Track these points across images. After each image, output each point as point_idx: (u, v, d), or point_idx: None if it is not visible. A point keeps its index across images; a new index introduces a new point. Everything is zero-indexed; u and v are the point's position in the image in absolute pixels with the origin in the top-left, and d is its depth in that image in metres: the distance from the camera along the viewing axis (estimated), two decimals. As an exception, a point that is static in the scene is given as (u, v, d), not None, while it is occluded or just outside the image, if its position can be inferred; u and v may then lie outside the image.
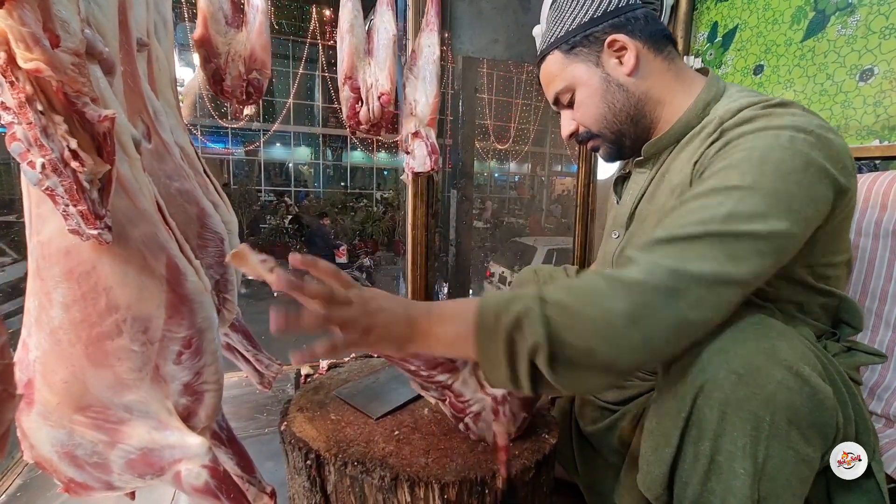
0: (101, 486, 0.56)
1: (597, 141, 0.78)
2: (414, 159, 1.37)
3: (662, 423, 0.58)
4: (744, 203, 0.53)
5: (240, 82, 1.06)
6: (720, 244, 0.52)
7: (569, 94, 0.76)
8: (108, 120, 0.42)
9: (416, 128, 1.36)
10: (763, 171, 0.55)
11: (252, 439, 1.23)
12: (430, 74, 1.37)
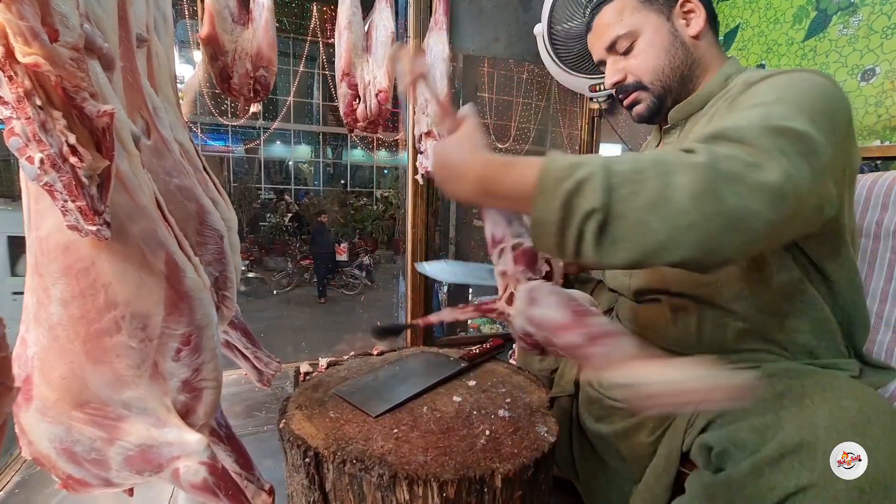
0: (100, 482, 0.56)
1: (641, 94, 0.78)
2: (427, 158, 1.37)
3: (731, 496, 0.53)
4: (776, 110, 0.54)
5: (247, 80, 1.06)
6: (768, 137, 0.51)
7: (629, 41, 0.77)
8: (107, 115, 0.41)
9: (429, 127, 1.36)
10: (789, 92, 0.57)
11: (251, 437, 1.23)
12: (439, 73, 1.37)
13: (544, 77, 1.85)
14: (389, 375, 0.86)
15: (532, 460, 0.61)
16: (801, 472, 0.48)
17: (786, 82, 0.60)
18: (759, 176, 0.48)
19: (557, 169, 0.52)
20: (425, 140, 1.38)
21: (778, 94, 0.57)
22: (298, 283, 7.19)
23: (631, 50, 0.77)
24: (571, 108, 2.04)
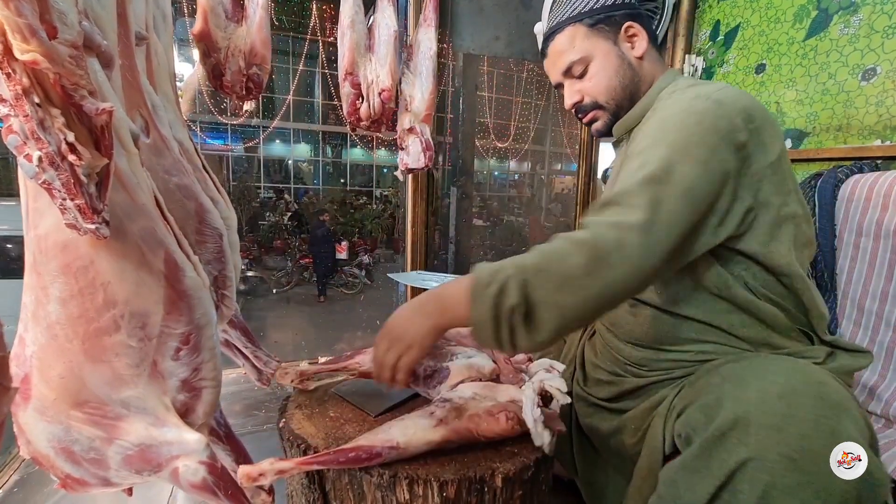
0: (99, 482, 0.56)
1: (598, 112, 0.86)
2: (408, 155, 1.37)
3: (689, 478, 0.56)
4: (652, 157, 0.64)
5: (240, 77, 1.05)
6: (642, 193, 0.62)
7: (582, 66, 0.83)
8: (105, 113, 0.41)
9: (411, 123, 1.35)
10: (664, 128, 0.67)
11: (250, 436, 1.23)
12: (426, 70, 1.37)
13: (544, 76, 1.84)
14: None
15: (532, 460, 0.61)
16: (740, 448, 0.51)
17: (666, 117, 0.69)
18: (638, 235, 0.60)
19: (483, 277, 0.63)
20: (407, 137, 1.37)
21: (653, 137, 0.68)
22: (298, 281, 7.19)
23: (585, 73, 0.84)
24: (571, 107, 2.04)
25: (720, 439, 0.53)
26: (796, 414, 0.50)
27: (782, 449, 0.49)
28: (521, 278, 0.61)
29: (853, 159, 1.16)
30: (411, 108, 1.37)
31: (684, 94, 0.72)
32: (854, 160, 1.15)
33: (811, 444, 0.49)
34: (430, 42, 1.39)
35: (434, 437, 0.59)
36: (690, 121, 0.65)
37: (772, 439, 0.50)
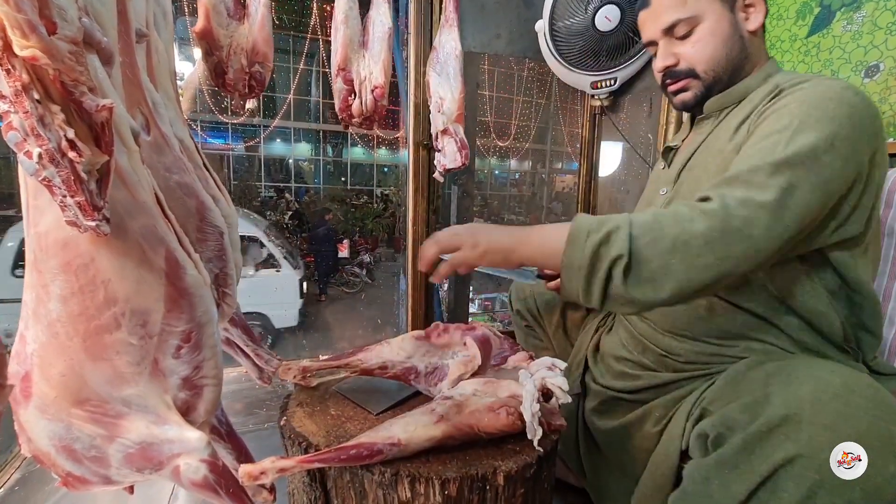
0: (100, 480, 0.56)
1: (691, 82, 0.79)
2: (445, 156, 1.37)
3: (725, 475, 0.55)
4: (795, 138, 0.60)
5: (242, 75, 1.05)
6: (778, 174, 0.58)
7: (689, 27, 0.75)
8: (105, 110, 0.41)
9: (445, 125, 1.35)
10: (811, 113, 0.61)
11: (251, 434, 1.23)
12: (453, 70, 1.37)
13: (545, 74, 1.84)
14: (390, 373, 0.86)
15: (535, 458, 0.61)
16: (788, 444, 0.50)
17: (806, 99, 0.63)
18: (767, 216, 0.57)
19: (585, 224, 0.61)
20: (441, 138, 1.37)
21: (802, 118, 0.62)
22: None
23: (689, 35, 0.76)
24: (572, 105, 2.04)
25: (766, 435, 0.52)
26: (852, 414, 0.49)
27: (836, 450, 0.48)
28: (630, 231, 0.59)
29: (856, 157, 1.15)
30: (443, 110, 1.36)
31: (826, 82, 0.66)
32: (857, 158, 1.15)
33: (865, 446, 0.47)
34: (455, 42, 1.39)
35: (435, 433, 0.59)
36: (841, 112, 0.60)
37: (825, 437, 0.48)
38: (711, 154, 0.76)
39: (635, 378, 0.82)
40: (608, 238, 0.59)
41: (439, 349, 0.77)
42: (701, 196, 0.62)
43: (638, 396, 0.82)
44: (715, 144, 0.76)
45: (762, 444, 0.52)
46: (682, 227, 0.58)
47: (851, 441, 0.48)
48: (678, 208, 0.61)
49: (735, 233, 0.57)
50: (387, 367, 0.76)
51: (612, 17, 1.48)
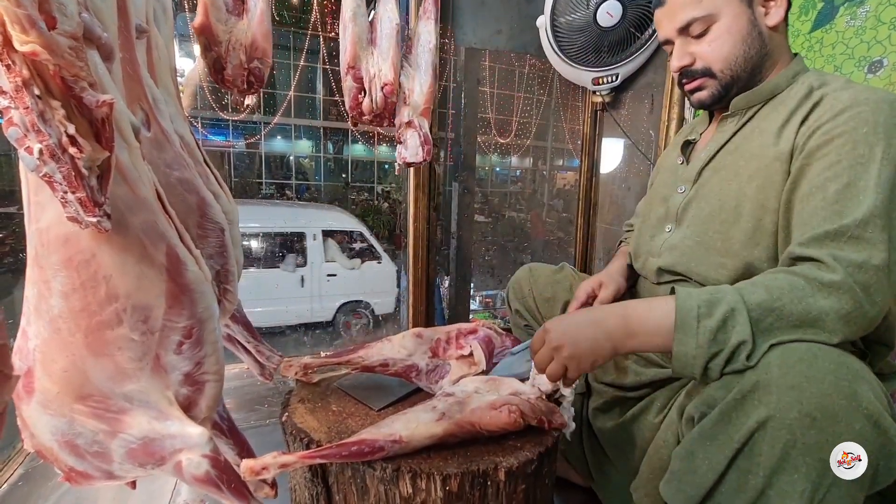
0: (102, 475, 0.56)
1: (707, 80, 0.77)
2: (406, 149, 1.35)
3: (706, 448, 0.56)
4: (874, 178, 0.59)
5: (241, 71, 1.04)
6: (880, 228, 0.58)
7: (705, 25, 0.74)
8: (106, 105, 0.41)
9: (410, 117, 1.34)
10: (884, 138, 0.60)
11: (253, 430, 1.23)
12: (425, 63, 1.35)
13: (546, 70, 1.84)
14: (391, 369, 0.86)
15: (536, 454, 0.61)
16: (760, 408, 0.52)
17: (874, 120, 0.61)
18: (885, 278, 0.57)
19: (693, 305, 0.59)
20: (405, 131, 1.36)
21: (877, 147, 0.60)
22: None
23: (705, 34, 0.74)
24: (573, 101, 2.03)
25: (740, 403, 0.53)
26: (816, 375, 0.50)
27: (803, 408, 0.49)
28: (748, 315, 0.56)
29: (858, 153, 1.15)
30: (410, 102, 1.35)
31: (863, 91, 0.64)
32: (859, 154, 1.14)
33: (831, 404, 0.49)
34: (430, 35, 1.37)
35: (437, 430, 0.59)
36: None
37: (792, 398, 0.50)
38: (743, 157, 0.74)
39: (638, 374, 0.82)
40: (725, 325, 0.57)
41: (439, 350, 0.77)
42: (802, 254, 0.61)
43: (642, 392, 0.82)
44: (746, 147, 0.74)
45: (737, 411, 0.54)
46: (806, 305, 0.56)
47: (815, 400, 0.49)
48: (793, 280, 0.58)
49: (865, 303, 0.57)
50: (388, 364, 0.76)
51: (613, 12, 1.47)
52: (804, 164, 0.65)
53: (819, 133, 0.65)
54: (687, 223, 0.79)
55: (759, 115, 0.76)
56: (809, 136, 0.66)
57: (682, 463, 0.60)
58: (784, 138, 0.69)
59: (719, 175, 0.77)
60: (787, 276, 0.59)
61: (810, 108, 0.68)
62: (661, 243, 0.82)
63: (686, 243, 0.78)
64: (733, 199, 0.72)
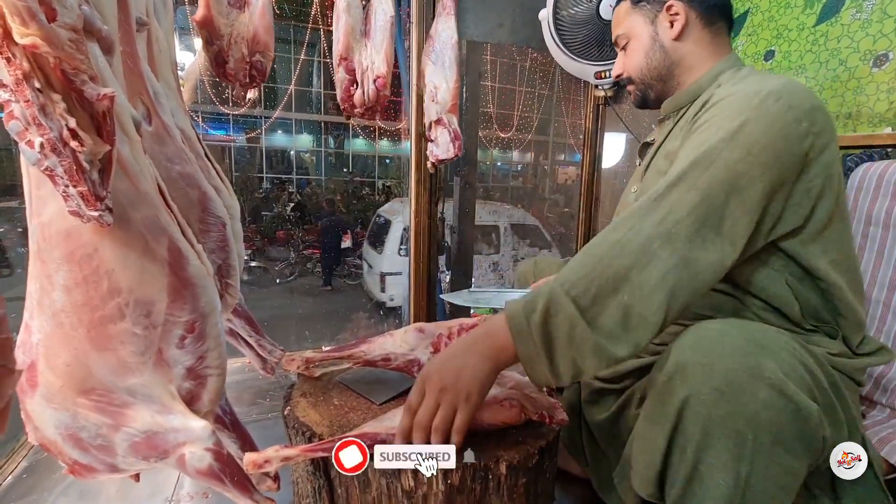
0: (106, 468, 0.57)
1: (630, 87, 0.90)
2: (437, 147, 1.36)
3: (650, 430, 0.60)
4: (704, 150, 0.62)
5: (243, 65, 1.04)
6: (692, 189, 0.60)
7: (625, 41, 0.87)
8: (107, 99, 0.41)
9: (438, 115, 1.34)
10: (729, 126, 0.62)
11: (255, 424, 1.24)
12: (448, 60, 1.35)
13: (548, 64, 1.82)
14: (393, 364, 0.86)
15: (537, 448, 0.61)
16: (682, 388, 0.55)
17: (730, 114, 0.64)
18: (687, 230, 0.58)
19: (520, 309, 0.59)
20: (435, 128, 1.35)
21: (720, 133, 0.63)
22: (301, 272, 7.21)
23: (625, 48, 0.87)
24: (575, 96, 2.03)
25: (667, 384, 0.56)
26: (723, 352, 0.53)
27: (713, 383, 0.52)
28: (569, 293, 0.57)
29: (863, 147, 1.14)
30: (437, 99, 1.35)
31: (749, 86, 0.67)
32: (864, 148, 1.13)
33: (736, 378, 0.52)
34: (451, 31, 1.37)
35: None
36: (759, 125, 0.61)
37: (704, 375, 0.53)
38: (667, 157, 0.79)
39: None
40: (547, 312, 0.57)
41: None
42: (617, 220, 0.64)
43: (623, 384, 0.84)
44: (669, 146, 0.80)
45: (666, 393, 0.56)
46: (613, 267, 0.58)
47: (722, 376, 0.52)
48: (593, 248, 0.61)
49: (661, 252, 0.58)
50: (390, 359, 0.76)
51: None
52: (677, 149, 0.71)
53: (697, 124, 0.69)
54: None
55: (686, 115, 0.81)
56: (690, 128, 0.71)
57: (635, 447, 0.63)
58: (682, 136, 0.75)
59: (652, 175, 0.83)
60: (591, 246, 0.62)
61: (709, 103, 0.71)
62: None
63: None
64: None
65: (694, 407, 0.54)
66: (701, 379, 0.53)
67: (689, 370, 0.54)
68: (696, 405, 0.53)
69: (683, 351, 0.56)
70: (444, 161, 1.36)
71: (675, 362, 0.56)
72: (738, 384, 0.52)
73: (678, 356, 0.56)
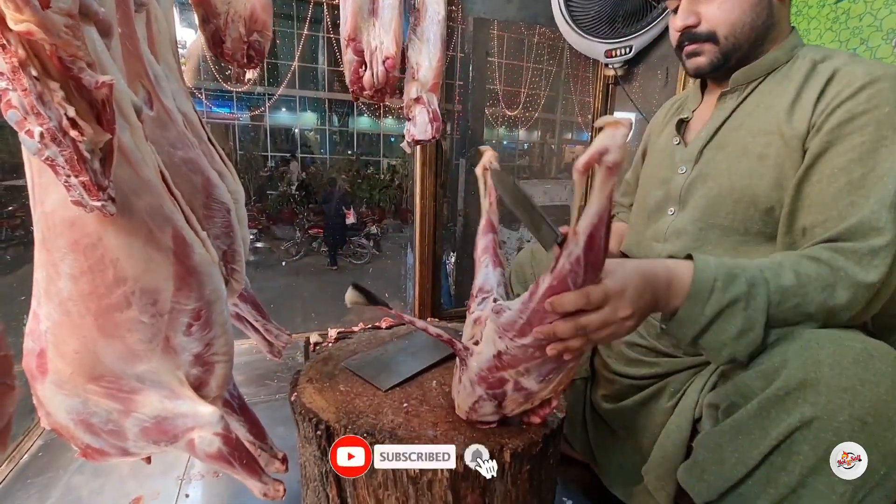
0: (117, 452, 0.58)
1: (707, 46, 0.75)
2: (415, 126, 1.31)
3: (739, 441, 0.55)
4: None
5: (240, 45, 1.01)
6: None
7: None
8: (105, 86, 0.40)
9: (418, 93, 1.29)
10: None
11: (263, 405, 1.26)
12: (433, 36, 1.29)
13: (556, 41, 1.77)
14: (399, 349, 0.87)
15: (541, 436, 0.62)
16: (805, 407, 0.49)
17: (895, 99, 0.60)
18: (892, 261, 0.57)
19: (710, 278, 0.56)
20: (414, 107, 1.31)
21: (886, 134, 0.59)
22: (307, 252, 7.23)
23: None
24: (584, 74, 1.97)
25: (783, 399, 0.51)
26: (872, 379, 0.48)
27: (855, 411, 0.48)
28: (770, 298, 0.56)
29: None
30: (418, 77, 1.30)
31: (890, 70, 0.62)
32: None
33: (886, 409, 0.47)
34: (438, 6, 1.32)
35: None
36: None
37: (844, 400, 0.48)
38: (751, 134, 0.72)
39: (653, 365, 0.81)
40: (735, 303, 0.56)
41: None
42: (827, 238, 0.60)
43: (654, 381, 0.81)
44: (752, 123, 0.72)
45: (778, 407, 0.52)
46: (828, 295, 0.57)
47: (869, 405, 0.47)
48: (819, 270, 0.58)
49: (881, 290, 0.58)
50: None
51: (629, -20, 1.40)
52: (825, 143, 0.63)
53: (840, 111, 0.63)
54: (693, 205, 0.77)
55: (760, 90, 0.74)
56: (829, 113, 0.64)
57: (708, 453, 0.59)
58: (798, 117, 0.67)
59: (724, 153, 0.75)
60: (812, 263, 0.59)
61: (824, 83, 0.66)
62: (666, 228, 0.80)
63: (696, 226, 0.76)
64: (744, 178, 0.71)
65: (819, 431, 0.49)
66: (839, 404, 0.48)
67: (823, 391, 0.49)
68: (822, 430, 0.49)
69: (818, 367, 0.50)
70: (421, 142, 1.31)
71: (802, 378, 0.50)
72: (887, 416, 0.47)
73: (807, 372, 0.51)
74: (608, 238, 0.48)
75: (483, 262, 0.76)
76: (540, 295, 0.52)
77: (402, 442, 0.59)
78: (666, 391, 0.78)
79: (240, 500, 0.94)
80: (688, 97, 0.90)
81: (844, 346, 0.51)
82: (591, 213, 0.46)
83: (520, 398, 0.59)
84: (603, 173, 0.43)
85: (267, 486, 0.63)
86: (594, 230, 0.47)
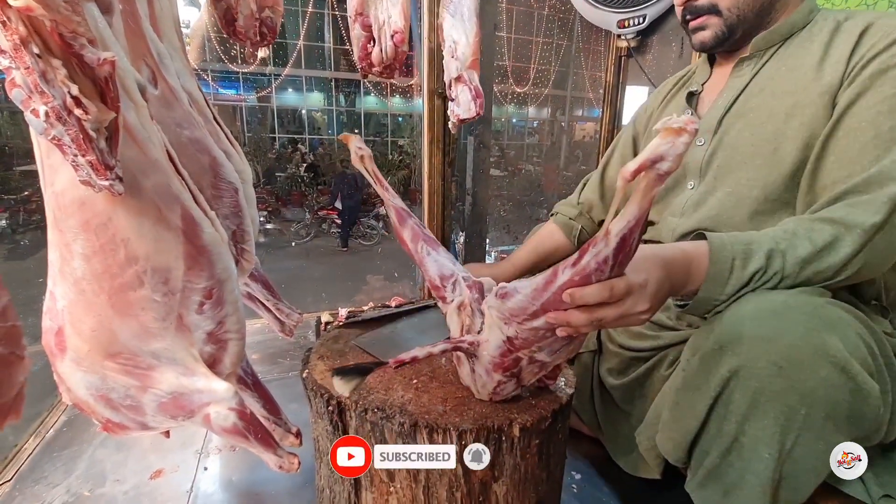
0: (137, 426, 0.60)
1: (711, 19, 0.75)
2: (458, 106, 1.28)
3: (689, 396, 0.59)
4: None
5: (252, 22, 1.00)
6: None
7: None
8: (107, 63, 0.39)
9: (459, 71, 1.26)
10: None
11: (277, 382, 1.29)
12: (468, 11, 1.25)
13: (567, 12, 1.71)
14: (408, 327, 0.88)
15: (550, 411, 0.62)
16: (732, 358, 0.53)
17: None
18: None
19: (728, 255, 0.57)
20: (455, 86, 1.29)
21: None
22: (317, 233, 7.27)
23: None
24: (596, 46, 1.92)
25: (717, 352, 0.56)
26: (787, 327, 0.52)
27: (771, 357, 0.51)
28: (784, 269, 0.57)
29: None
30: (457, 55, 1.26)
31: None
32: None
33: (798, 354, 0.50)
34: None
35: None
36: None
37: (762, 349, 0.52)
38: (775, 97, 0.70)
39: (656, 339, 0.82)
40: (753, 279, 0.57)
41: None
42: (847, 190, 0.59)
43: (655, 353, 0.82)
44: (777, 86, 0.71)
45: (714, 361, 0.55)
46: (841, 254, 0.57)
47: (784, 350, 0.50)
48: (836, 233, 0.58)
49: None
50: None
51: (643, -55, 1.35)
52: (855, 94, 0.62)
53: (875, 63, 0.62)
54: (714, 175, 0.76)
55: (780, 54, 0.73)
56: (864, 65, 0.63)
57: (669, 412, 0.63)
58: (828, 72, 0.66)
59: (746, 119, 0.73)
60: (826, 225, 0.58)
61: (858, 35, 0.64)
62: (685, 201, 0.79)
63: (716, 196, 0.75)
64: (770, 141, 0.69)
65: (744, 379, 0.52)
66: (757, 351, 0.52)
67: (745, 341, 0.53)
68: (746, 377, 0.52)
69: (741, 321, 0.54)
70: (466, 121, 1.29)
71: (730, 332, 0.54)
72: (798, 360, 0.50)
73: (734, 326, 0.54)
74: (640, 242, 0.48)
75: (422, 250, 0.73)
76: (557, 287, 0.51)
77: (412, 416, 0.60)
78: (665, 361, 0.79)
79: (256, 474, 0.97)
80: (693, 72, 0.89)
81: (767, 299, 0.55)
82: (627, 216, 0.45)
83: (535, 369, 0.60)
84: (651, 179, 0.41)
85: (282, 459, 0.64)
86: (628, 233, 0.46)
